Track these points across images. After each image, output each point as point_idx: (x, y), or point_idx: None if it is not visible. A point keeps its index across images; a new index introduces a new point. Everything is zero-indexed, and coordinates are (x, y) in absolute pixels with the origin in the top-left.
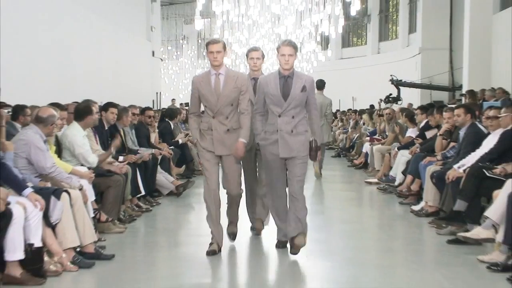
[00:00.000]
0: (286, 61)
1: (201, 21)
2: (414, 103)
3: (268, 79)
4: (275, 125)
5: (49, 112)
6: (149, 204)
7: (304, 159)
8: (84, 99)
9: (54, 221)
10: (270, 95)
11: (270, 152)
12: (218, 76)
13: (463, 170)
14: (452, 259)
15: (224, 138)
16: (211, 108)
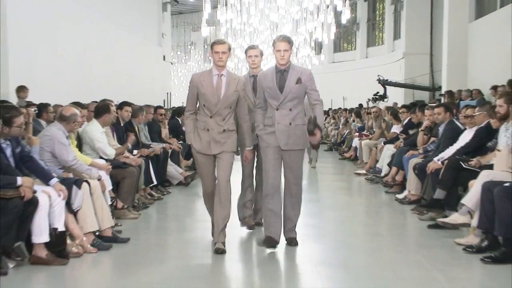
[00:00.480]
0: (282, 56)
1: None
2: (398, 102)
3: (265, 74)
4: (273, 118)
5: (72, 111)
6: (161, 193)
7: (301, 152)
8: (102, 99)
9: (75, 208)
10: (267, 89)
11: (267, 142)
12: (221, 77)
13: (441, 162)
14: (432, 242)
15: (219, 138)
16: (210, 108)
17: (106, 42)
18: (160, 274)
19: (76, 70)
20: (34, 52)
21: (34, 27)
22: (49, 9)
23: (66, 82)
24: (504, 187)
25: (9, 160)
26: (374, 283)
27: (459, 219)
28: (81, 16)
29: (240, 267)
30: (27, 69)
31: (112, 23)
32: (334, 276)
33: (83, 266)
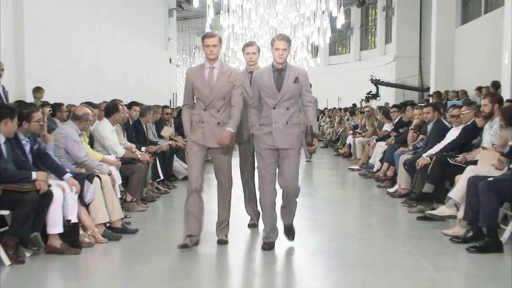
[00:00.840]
0: (280, 55)
1: None
2: (389, 102)
3: (262, 73)
4: (269, 117)
5: (84, 111)
6: (167, 187)
7: (298, 151)
8: (112, 99)
9: (87, 201)
10: (264, 88)
11: (264, 143)
12: (212, 70)
13: (430, 157)
14: (420, 232)
15: (215, 131)
16: (203, 100)
17: (117, 46)
18: (166, 263)
19: (88, 72)
20: (49, 55)
21: (50, 32)
22: (64, 15)
23: (79, 83)
24: (488, 181)
25: (28, 157)
26: (366, 271)
27: (446, 211)
28: (94, 22)
29: (241, 256)
30: (43, 71)
31: (122, 28)
32: (329, 264)
33: (94, 255)
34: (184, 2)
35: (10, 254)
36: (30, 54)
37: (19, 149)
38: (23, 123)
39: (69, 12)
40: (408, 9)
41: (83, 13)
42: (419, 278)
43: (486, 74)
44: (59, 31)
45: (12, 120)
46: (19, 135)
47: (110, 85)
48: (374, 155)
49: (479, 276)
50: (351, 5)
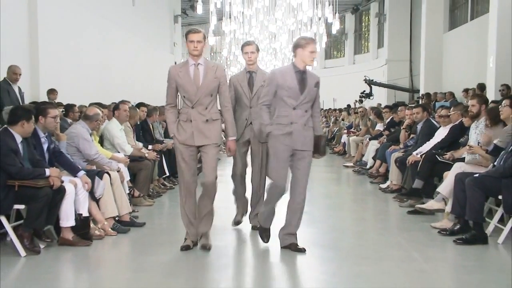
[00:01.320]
0: (312, 59)
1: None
2: (382, 102)
3: (283, 72)
4: (289, 117)
5: (95, 111)
6: (172, 183)
7: (311, 154)
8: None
9: (98, 196)
10: (286, 87)
11: (282, 143)
12: (198, 67)
13: (420, 155)
14: (411, 225)
15: (204, 129)
16: (190, 98)
17: (125, 50)
18: (172, 254)
19: (98, 75)
20: (62, 59)
21: (63, 37)
22: (75, 21)
23: (90, 85)
24: (474, 177)
25: (45, 155)
26: (360, 262)
27: (435, 205)
28: (103, 27)
29: (241, 248)
30: (56, 74)
31: (130, 34)
32: (325, 256)
33: (104, 247)
34: (189, 9)
35: (26, 245)
36: (44, 59)
37: (38, 147)
38: (40, 118)
39: (80, 18)
40: (399, 16)
41: (92, 19)
42: (409, 268)
43: (473, 77)
44: (70, 36)
45: (29, 122)
46: (39, 132)
47: (118, 87)
48: (367, 153)
49: (465, 266)
50: (346, 11)
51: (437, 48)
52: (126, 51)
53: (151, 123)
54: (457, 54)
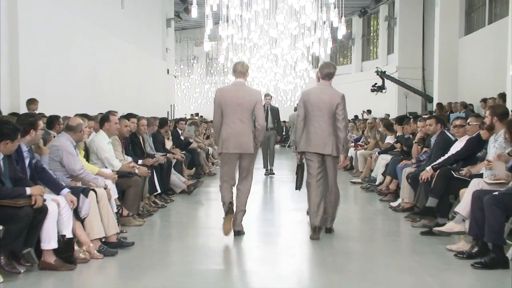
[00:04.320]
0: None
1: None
2: (391, 113)
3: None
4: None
5: (78, 121)
6: (164, 201)
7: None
8: (107, 111)
9: (83, 215)
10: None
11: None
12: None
13: (433, 167)
14: (424, 248)
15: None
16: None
17: (113, 56)
18: (163, 279)
19: (84, 83)
20: (44, 66)
21: (45, 43)
22: (59, 25)
23: (74, 94)
24: (493, 195)
25: (27, 170)
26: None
27: (455, 227)
28: (89, 31)
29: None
30: (38, 83)
31: (118, 38)
32: (330, 279)
33: (90, 271)
34: (182, 12)
35: (5, 269)
36: (25, 65)
37: (19, 162)
38: (31, 131)
39: (64, 22)
40: (411, 19)
41: (78, 23)
42: None
43: (491, 86)
44: (54, 41)
45: (13, 142)
46: (22, 146)
47: (106, 96)
48: (377, 168)
49: None
50: (353, 15)
51: (452, 54)
52: (114, 57)
53: (141, 136)
54: (474, 60)
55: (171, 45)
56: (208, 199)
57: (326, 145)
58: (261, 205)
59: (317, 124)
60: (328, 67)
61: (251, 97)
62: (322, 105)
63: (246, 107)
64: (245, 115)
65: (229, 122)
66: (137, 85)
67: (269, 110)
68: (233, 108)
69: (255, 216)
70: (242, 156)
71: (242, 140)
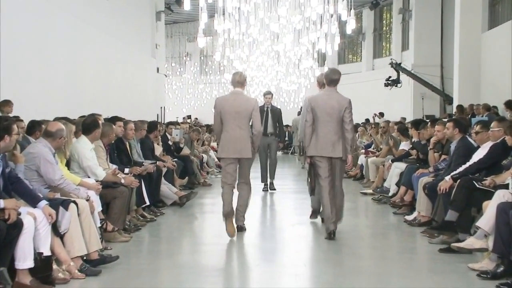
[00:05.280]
0: None
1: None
2: (407, 117)
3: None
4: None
5: (57, 126)
6: (154, 214)
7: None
8: (90, 113)
9: (62, 230)
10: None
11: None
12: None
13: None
14: (443, 267)
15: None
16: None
17: (97, 53)
18: None
19: (65, 83)
20: (19, 64)
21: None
22: (37, 18)
23: (54, 95)
24: None
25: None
26: None
27: (476, 243)
28: (71, 25)
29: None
30: (14, 83)
31: (103, 33)
32: None
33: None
34: (174, 4)
35: None
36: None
37: None
38: (5, 137)
39: (42, 15)
40: (428, 12)
41: (58, 16)
42: None
43: None
44: (30, 36)
45: None
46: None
47: (89, 97)
48: (390, 177)
49: None
50: (363, 7)
51: (474, 50)
52: (97, 54)
53: (128, 141)
54: (499, 57)
55: (161, 40)
56: (203, 212)
57: (336, 148)
58: (261, 218)
59: (326, 129)
60: (334, 74)
61: (248, 105)
62: (331, 111)
63: (244, 114)
64: (243, 122)
65: (228, 129)
66: (123, 85)
67: (269, 112)
68: (231, 116)
69: (255, 231)
70: (241, 160)
71: (241, 146)
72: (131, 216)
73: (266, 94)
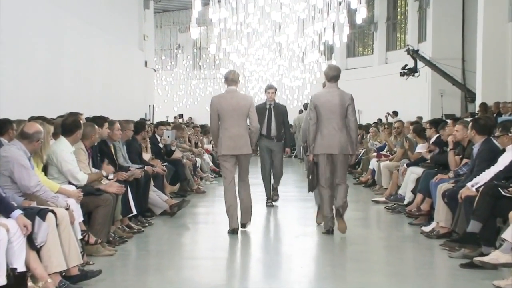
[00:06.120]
0: None
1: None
2: (424, 116)
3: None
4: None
5: (35, 128)
6: (141, 224)
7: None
8: (70, 112)
9: (39, 243)
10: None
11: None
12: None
13: (476, 188)
14: (465, 284)
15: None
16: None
17: (78, 45)
18: None
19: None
20: None
21: None
22: (7, 5)
23: (29, 92)
24: None
25: None
26: None
27: (501, 257)
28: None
29: None
30: None
31: (84, 23)
32: None
33: None
34: None
35: None
36: None
37: None
38: None
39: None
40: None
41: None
42: None
43: None
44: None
45: None
46: None
47: (68, 94)
48: (405, 183)
49: None
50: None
51: (499, 42)
52: (78, 46)
53: (112, 144)
54: None
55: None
56: (196, 223)
57: (342, 145)
58: (262, 229)
59: (331, 127)
60: (333, 71)
61: (245, 102)
62: (334, 108)
63: (241, 112)
64: (240, 119)
65: (227, 126)
66: (107, 81)
67: (272, 110)
68: (229, 114)
69: (255, 243)
70: (240, 157)
71: (241, 142)
72: (116, 227)
73: (269, 89)
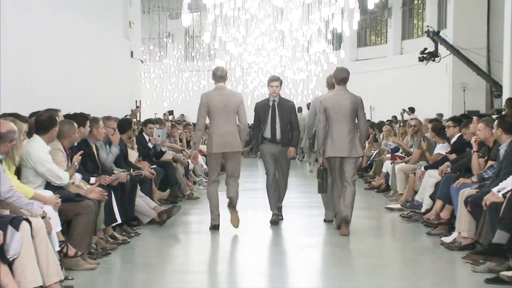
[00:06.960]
0: None
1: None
2: (444, 113)
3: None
4: None
5: (9, 127)
6: (126, 234)
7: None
8: (46, 109)
9: (11, 256)
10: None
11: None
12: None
13: (503, 194)
14: None
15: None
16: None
17: (55, 33)
18: None
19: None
20: None
21: None
22: None
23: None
24: None
25: None
26: None
27: None
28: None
29: None
30: None
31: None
32: None
33: None
34: None
35: None
36: None
37: None
38: None
39: None
40: None
41: None
42: None
43: None
44: None
45: None
46: None
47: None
48: (423, 189)
49: None
50: None
51: None
52: (56, 34)
53: (94, 143)
54: None
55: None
56: (187, 232)
57: (352, 148)
58: (263, 239)
59: (341, 130)
60: (342, 73)
61: (235, 99)
62: (345, 111)
63: (231, 108)
64: (230, 116)
65: (217, 123)
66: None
67: (276, 107)
68: (219, 111)
69: (256, 255)
70: (230, 154)
71: (231, 140)
72: (98, 238)
73: (272, 82)
